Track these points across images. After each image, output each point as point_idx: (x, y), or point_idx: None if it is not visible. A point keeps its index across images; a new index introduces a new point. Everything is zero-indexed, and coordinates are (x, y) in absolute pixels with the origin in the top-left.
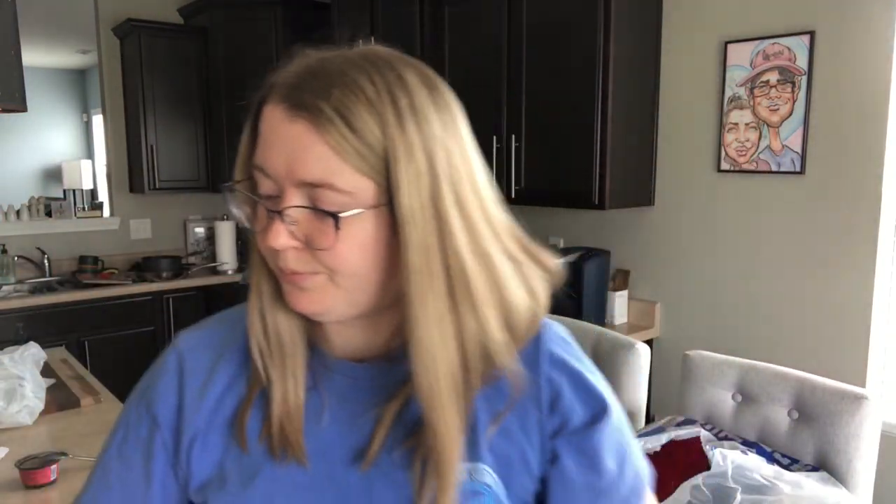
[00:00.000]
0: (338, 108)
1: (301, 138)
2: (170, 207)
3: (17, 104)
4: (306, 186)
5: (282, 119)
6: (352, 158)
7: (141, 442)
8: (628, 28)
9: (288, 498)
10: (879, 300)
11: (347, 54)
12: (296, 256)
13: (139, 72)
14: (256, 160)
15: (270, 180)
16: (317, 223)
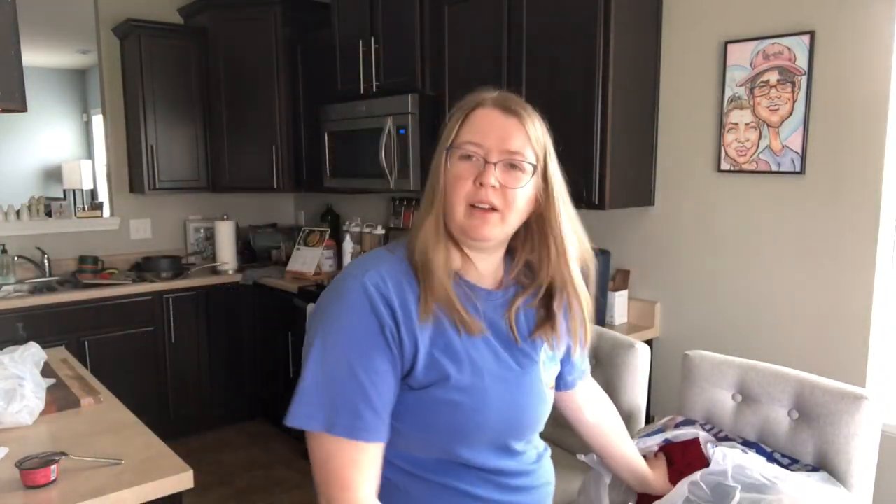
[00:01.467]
0: (531, 117)
1: (513, 126)
2: (170, 207)
3: (17, 104)
4: (506, 155)
5: (499, 116)
6: (534, 144)
7: (382, 351)
8: (628, 28)
9: (483, 358)
10: (879, 300)
11: (507, 94)
12: (492, 194)
13: (139, 72)
14: (472, 138)
15: (480, 148)
16: (508, 175)
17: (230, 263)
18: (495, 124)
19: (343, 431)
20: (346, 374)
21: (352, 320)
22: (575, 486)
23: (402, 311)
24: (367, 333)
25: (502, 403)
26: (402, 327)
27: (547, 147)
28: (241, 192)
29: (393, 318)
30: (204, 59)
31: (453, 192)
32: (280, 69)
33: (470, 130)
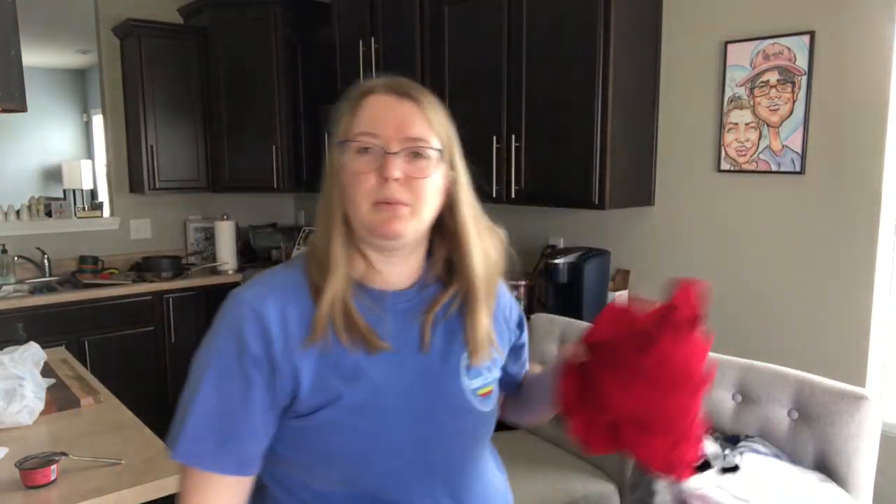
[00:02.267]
0: (426, 98)
1: (410, 111)
2: (170, 207)
3: (17, 104)
4: (407, 142)
5: (394, 102)
6: (437, 129)
7: (236, 376)
8: (628, 28)
9: (384, 373)
10: (879, 300)
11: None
12: (397, 188)
13: (139, 72)
14: (367, 129)
15: (377, 140)
16: (412, 165)
17: (230, 263)
18: (390, 111)
19: (182, 455)
20: (196, 397)
21: (219, 342)
22: (575, 487)
23: (280, 332)
24: (230, 357)
25: (411, 423)
26: (275, 350)
27: (450, 134)
28: (241, 192)
29: (265, 340)
30: (204, 59)
31: (354, 191)
32: (280, 69)
33: (363, 120)
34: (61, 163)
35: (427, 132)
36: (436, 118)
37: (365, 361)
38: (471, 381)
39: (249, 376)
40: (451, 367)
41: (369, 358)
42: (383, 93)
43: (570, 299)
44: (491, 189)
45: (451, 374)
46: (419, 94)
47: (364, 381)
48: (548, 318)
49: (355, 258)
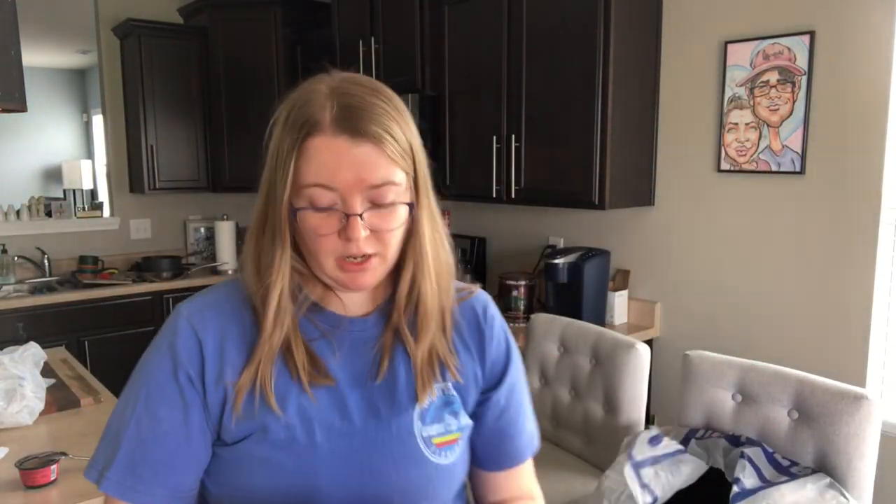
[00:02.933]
0: (386, 129)
1: (369, 155)
2: (170, 207)
3: (17, 104)
4: (370, 189)
5: (346, 146)
6: (399, 161)
7: (170, 397)
8: (628, 28)
9: (318, 407)
10: (879, 300)
11: (348, 86)
12: (364, 242)
13: (139, 72)
14: (320, 181)
15: (333, 193)
16: (379, 214)
17: (230, 263)
18: (345, 159)
19: (112, 487)
20: (129, 420)
21: (153, 359)
22: (575, 487)
23: (213, 351)
24: (161, 375)
25: (344, 468)
26: (207, 371)
27: (413, 145)
28: (241, 192)
29: (198, 359)
30: (204, 59)
31: (315, 248)
32: (280, 69)
33: (313, 169)
34: (61, 163)
35: (390, 170)
36: (397, 147)
37: (300, 391)
38: (426, 426)
39: (186, 397)
40: (399, 405)
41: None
42: (332, 134)
43: (570, 299)
44: (491, 189)
45: (399, 415)
46: (375, 125)
47: (296, 413)
48: (548, 317)
49: (310, 282)
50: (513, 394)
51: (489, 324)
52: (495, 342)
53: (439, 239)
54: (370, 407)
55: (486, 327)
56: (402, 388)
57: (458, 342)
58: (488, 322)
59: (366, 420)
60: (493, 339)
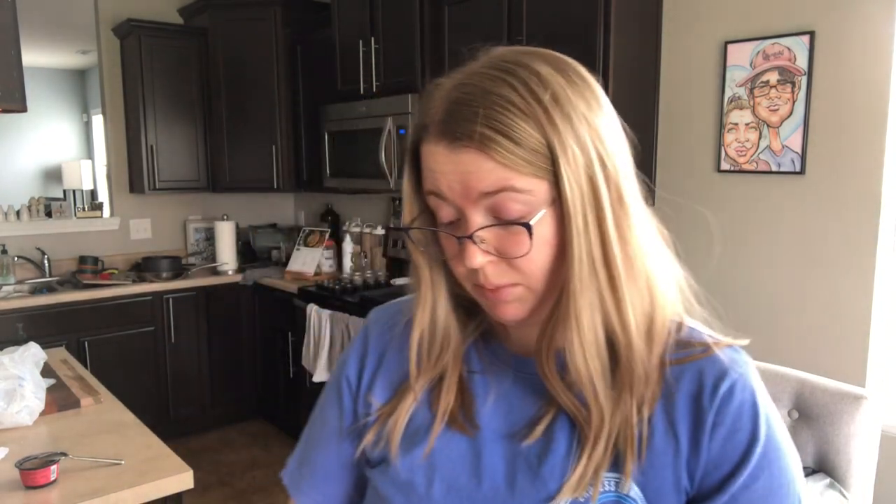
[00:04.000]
0: (496, 128)
1: (471, 163)
2: (170, 207)
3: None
4: (486, 198)
5: (446, 154)
6: (520, 167)
7: (333, 400)
8: (628, 28)
9: (448, 454)
10: (879, 300)
11: (478, 70)
12: (493, 270)
13: (139, 72)
14: (430, 187)
15: (448, 204)
16: (506, 234)
17: (230, 263)
18: (447, 168)
19: (286, 477)
20: (312, 416)
21: (339, 358)
22: None
23: (372, 363)
24: (334, 376)
25: None
26: (362, 380)
27: (553, 144)
28: (241, 192)
29: (358, 366)
30: (204, 59)
31: (452, 266)
32: (280, 69)
33: (426, 175)
34: (61, 163)
35: (506, 176)
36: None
37: (437, 430)
38: None
39: (343, 402)
40: (543, 485)
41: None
42: (435, 140)
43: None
44: None
45: (539, 497)
46: (480, 125)
47: (421, 454)
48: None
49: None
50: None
51: (717, 402)
52: (723, 431)
53: (622, 268)
54: (508, 472)
55: (709, 406)
56: (555, 461)
57: (661, 421)
58: (716, 399)
59: (496, 488)
60: (720, 425)
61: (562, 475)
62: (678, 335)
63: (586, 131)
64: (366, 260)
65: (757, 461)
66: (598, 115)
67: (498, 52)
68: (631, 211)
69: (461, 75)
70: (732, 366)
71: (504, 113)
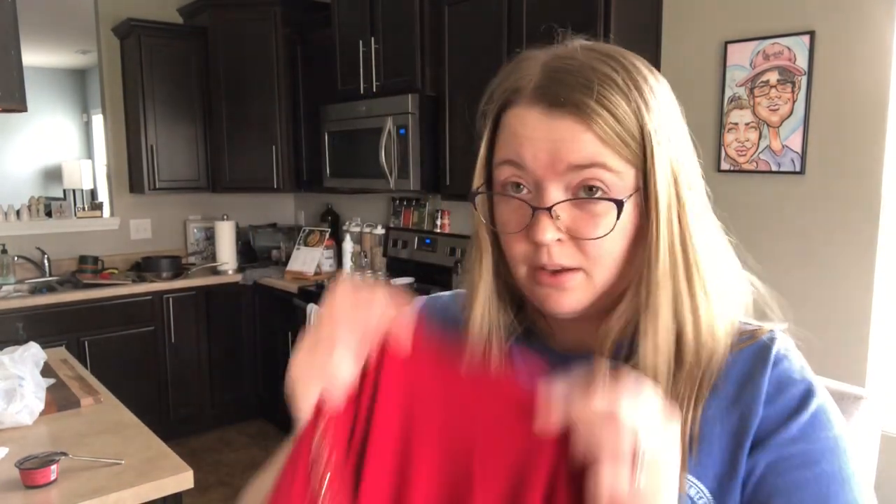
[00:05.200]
0: (600, 101)
1: (567, 130)
2: (170, 207)
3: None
4: (572, 172)
5: (540, 119)
6: (616, 146)
7: None
8: (628, 28)
9: None
10: (879, 300)
11: (574, 50)
12: (559, 250)
13: (139, 72)
14: (509, 156)
15: (525, 175)
16: (582, 214)
17: (230, 263)
18: (538, 133)
19: None
20: None
21: None
22: None
23: None
24: None
25: None
26: None
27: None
28: (241, 192)
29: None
30: (204, 59)
31: (507, 250)
32: (280, 69)
33: (505, 143)
34: (61, 163)
35: (600, 152)
36: (614, 125)
37: None
38: None
39: None
40: None
41: None
42: (528, 104)
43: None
44: None
45: None
46: (582, 93)
47: None
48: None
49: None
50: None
51: (765, 370)
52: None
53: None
54: None
55: (760, 376)
56: None
57: (715, 415)
58: (766, 367)
59: None
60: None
61: None
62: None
63: (673, 128)
64: (366, 260)
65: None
66: (678, 116)
67: (586, 42)
68: (703, 211)
69: (555, 51)
70: (774, 339)
71: (609, 89)
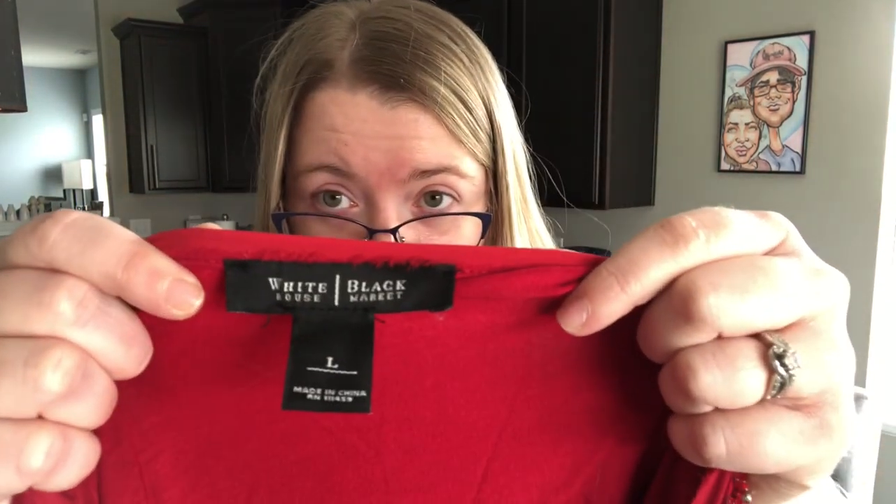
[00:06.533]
0: (447, 83)
1: (412, 124)
2: (170, 207)
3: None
4: (417, 179)
5: (372, 106)
6: (470, 143)
7: None
8: (628, 28)
9: None
10: (879, 300)
11: (401, 10)
12: None
13: (139, 72)
14: (325, 159)
15: (351, 185)
16: (429, 232)
17: None
18: (370, 127)
19: None
20: None
21: None
22: None
23: None
24: None
25: None
26: None
27: (495, 117)
28: (242, 192)
29: None
30: (204, 59)
31: None
32: None
33: (317, 140)
34: (61, 163)
35: (451, 152)
36: (465, 114)
37: None
38: None
39: None
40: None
41: None
42: (349, 84)
43: None
44: None
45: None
46: (425, 72)
47: None
48: None
49: None
50: None
51: None
52: None
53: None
54: None
55: None
56: None
57: None
58: None
59: None
60: None
61: None
62: None
63: (510, 115)
64: None
65: None
66: (508, 98)
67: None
68: (535, 205)
69: (368, 8)
70: None
71: (453, 66)
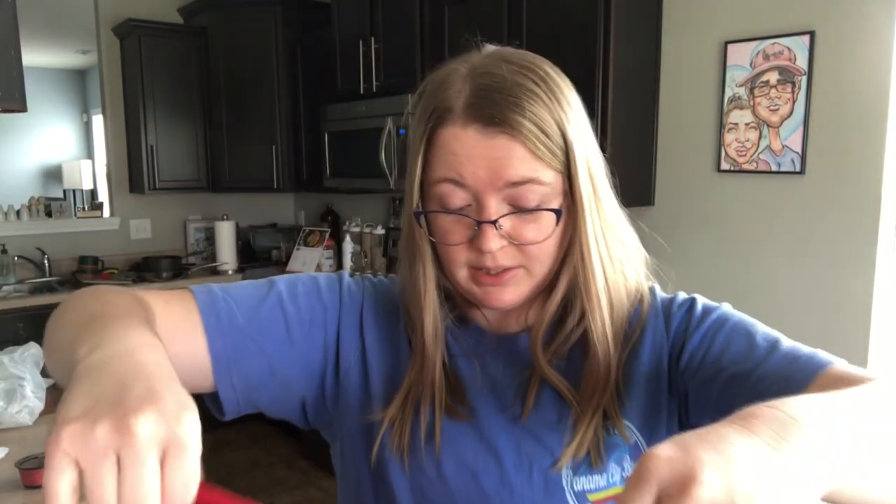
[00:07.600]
0: (529, 118)
1: (503, 149)
2: (170, 207)
3: (17, 104)
4: (510, 187)
5: (477, 137)
6: (546, 157)
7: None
8: (628, 28)
9: (452, 443)
10: (879, 300)
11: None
12: (502, 254)
13: (139, 72)
14: (448, 175)
15: (465, 191)
16: (521, 223)
17: (230, 263)
18: (477, 152)
19: (202, 300)
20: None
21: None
22: None
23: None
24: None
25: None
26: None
27: (569, 138)
28: (241, 192)
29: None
30: (204, 59)
31: (446, 257)
32: (280, 69)
33: (442, 161)
34: (61, 163)
35: (533, 167)
36: (543, 139)
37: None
38: (578, 477)
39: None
40: (546, 450)
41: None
42: (463, 123)
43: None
44: None
45: (544, 461)
46: (513, 111)
47: (432, 453)
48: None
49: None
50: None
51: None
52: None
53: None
54: (514, 447)
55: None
56: (551, 428)
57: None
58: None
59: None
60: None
61: (560, 440)
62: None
63: (584, 128)
64: (366, 260)
65: (697, 309)
66: (584, 116)
67: (501, 50)
68: (610, 193)
69: (476, 64)
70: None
71: (534, 105)
